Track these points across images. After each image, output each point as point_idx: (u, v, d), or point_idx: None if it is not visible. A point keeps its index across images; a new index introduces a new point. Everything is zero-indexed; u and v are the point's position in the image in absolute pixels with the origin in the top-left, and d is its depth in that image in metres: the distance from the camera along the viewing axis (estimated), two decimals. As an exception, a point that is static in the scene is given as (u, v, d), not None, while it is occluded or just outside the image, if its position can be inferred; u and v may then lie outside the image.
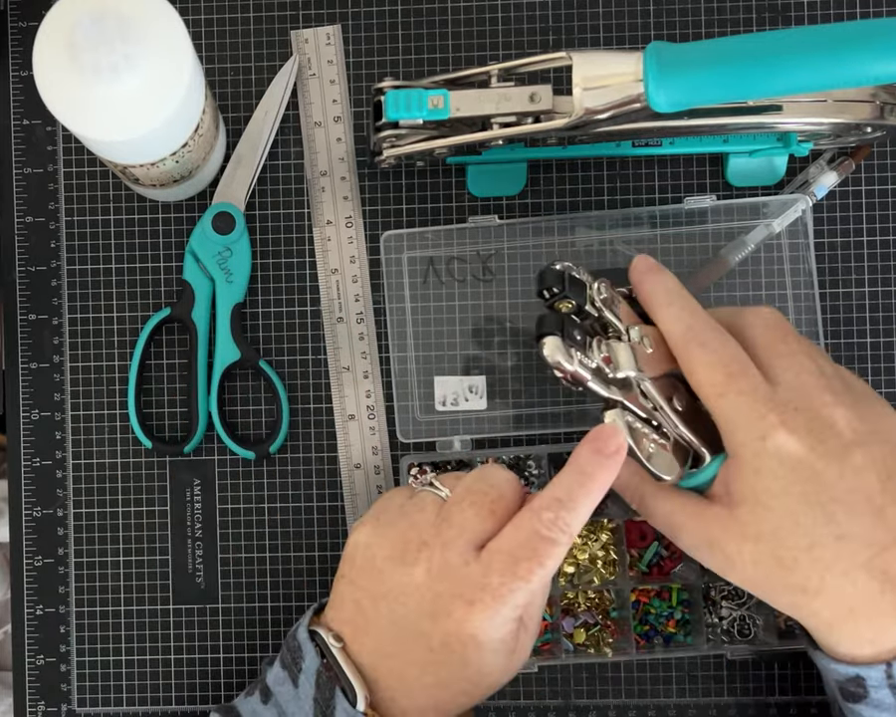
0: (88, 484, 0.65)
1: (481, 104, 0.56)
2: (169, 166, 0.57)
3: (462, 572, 0.48)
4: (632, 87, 0.52)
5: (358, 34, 0.65)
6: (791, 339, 0.50)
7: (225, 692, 0.64)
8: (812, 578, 0.48)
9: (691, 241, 0.62)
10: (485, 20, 0.65)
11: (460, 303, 0.63)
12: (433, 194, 0.65)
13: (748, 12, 0.64)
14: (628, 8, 0.64)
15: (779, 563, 0.48)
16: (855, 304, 0.64)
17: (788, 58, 0.48)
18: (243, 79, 0.65)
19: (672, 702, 0.63)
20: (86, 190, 0.65)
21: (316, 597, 0.64)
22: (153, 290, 0.65)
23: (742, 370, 0.49)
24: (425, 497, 0.51)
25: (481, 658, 0.48)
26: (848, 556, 0.47)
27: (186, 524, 0.65)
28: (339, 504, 0.64)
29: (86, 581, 0.65)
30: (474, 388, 0.63)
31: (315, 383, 0.65)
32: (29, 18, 0.65)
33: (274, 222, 0.65)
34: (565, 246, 0.63)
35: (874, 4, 0.64)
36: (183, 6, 0.65)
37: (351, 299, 0.64)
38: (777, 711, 0.63)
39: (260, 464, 0.65)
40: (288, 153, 0.65)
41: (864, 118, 0.57)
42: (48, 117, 0.65)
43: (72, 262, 0.65)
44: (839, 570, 0.47)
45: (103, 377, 0.65)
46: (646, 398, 0.51)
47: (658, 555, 0.63)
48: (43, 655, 0.65)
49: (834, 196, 0.63)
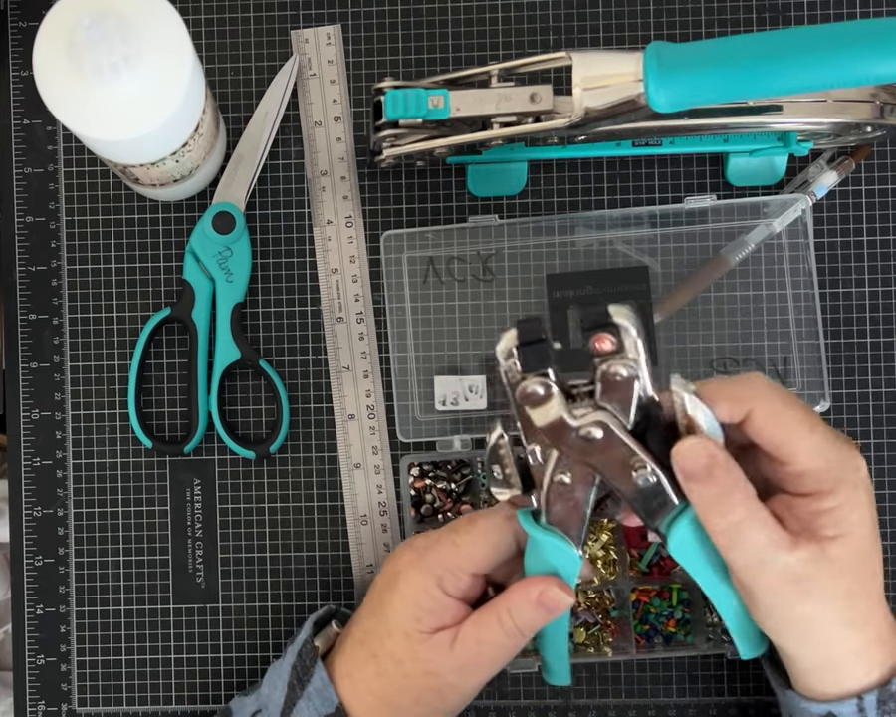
0: (88, 484, 0.65)
1: (481, 104, 0.56)
2: (169, 166, 0.57)
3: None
4: (632, 87, 0.52)
5: (358, 34, 0.65)
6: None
7: (225, 692, 0.64)
8: (864, 611, 0.48)
9: (691, 241, 0.62)
10: (485, 20, 0.65)
11: (460, 303, 0.63)
12: (433, 194, 0.65)
13: (748, 12, 0.64)
14: (628, 8, 0.64)
15: (847, 595, 0.48)
16: (855, 304, 0.64)
17: (788, 58, 0.48)
18: (243, 79, 0.65)
19: (672, 702, 0.63)
20: (86, 190, 0.65)
21: (316, 596, 0.64)
22: (153, 290, 0.65)
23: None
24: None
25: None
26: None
27: (186, 524, 0.65)
28: (340, 504, 0.64)
29: (86, 581, 0.65)
30: (474, 388, 0.63)
31: (315, 383, 0.65)
32: (29, 18, 0.65)
33: (274, 222, 0.65)
34: (565, 246, 0.63)
35: (874, 4, 0.64)
36: (183, 6, 0.65)
37: (351, 299, 0.64)
38: (777, 710, 0.63)
39: (260, 464, 0.65)
40: (288, 153, 0.65)
41: (864, 117, 0.57)
42: (48, 117, 0.65)
43: (72, 262, 0.65)
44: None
45: (103, 377, 0.65)
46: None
47: (658, 554, 0.63)
48: (43, 655, 0.65)
49: (834, 196, 0.63)
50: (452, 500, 0.63)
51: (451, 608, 0.52)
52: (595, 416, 0.48)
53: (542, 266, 0.63)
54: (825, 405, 0.61)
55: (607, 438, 0.48)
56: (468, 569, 0.52)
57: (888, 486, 0.63)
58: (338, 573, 0.64)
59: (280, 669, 0.55)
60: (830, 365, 0.63)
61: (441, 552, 0.52)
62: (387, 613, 0.52)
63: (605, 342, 0.47)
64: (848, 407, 0.63)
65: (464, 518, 0.54)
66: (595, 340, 0.47)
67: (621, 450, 0.48)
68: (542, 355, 0.48)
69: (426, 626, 0.51)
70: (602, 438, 0.48)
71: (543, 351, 0.48)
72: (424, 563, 0.52)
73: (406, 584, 0.52)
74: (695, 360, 0.62)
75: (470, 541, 0.52)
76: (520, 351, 0.48)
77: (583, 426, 0.48)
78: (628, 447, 0.48)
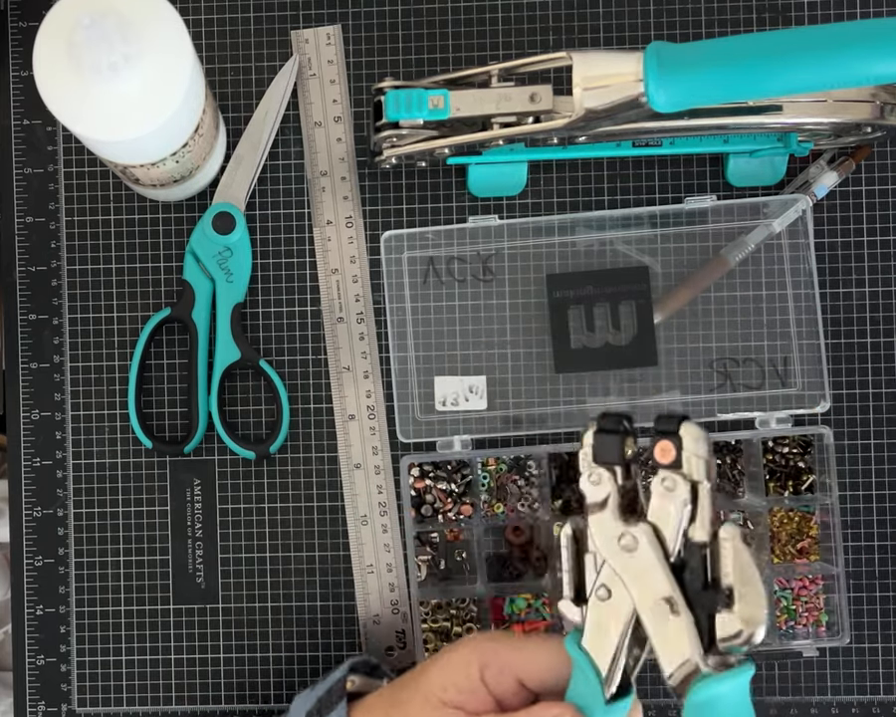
0: (88, 484, 0.65)
1: (481, 104, 0.56)
2: (169, 166, 0.57)
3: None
4: (632, 87, 0.52)
5: (358, 34, 0.65)
6: None
7: (225, 692, 0.64)
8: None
9: (691, 241, 0.62)
10: (485, 20, 0.65)
11: (460, 303, 0.63)
12: (433, 194, 0.65)
13: (748, 12, 0.64)
14: (628, 8, 0.64)
15: None
16: (855, 304, 0.64)
17: (788, 58, 0.48)
18: (243, 79, 0.65)
19: (672, 702, 0.63)
20: (86, 190, 0.65)
21: (316, 596, 0.64)
22: (153, 290, 0.65)
23: None
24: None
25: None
26: None
27: (186, 524, 0.65)
28: (340, 504, 0.64)
29: (86, 581, 0.65)
30: (474, 388, 0.63)
31: (315, 383, 0.64)
32: (29, 18, 0.65)
33: (274, 222, 0.65)
34: (565, 246, 0.63)
35: (874, 4, 0.64)
36: (183, 6, 0.65)
37: (351, 299, 0.64)
38: (777, 711, 0.63)
39: (260, 464, 0.65)
40: (288, 153, 0.65)
41: (864, 118, 0.57)
42: (48, 117, 0.64)
43: (72, 262, 0.65)
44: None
45: (103, 377, 0.65)
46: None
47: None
48: (43, 655, 0.65)
49: (834, 196, 0.63)
50: (452, 500, 0.64)
51: (479, 696, 0.50)
52: (636, 528, 0.45)
53: (542, 266, 0.63)
54: (825, 405, 0.61)
55: (642, 558, 0.45)
56: (515, 672, 0.49)
57: (888, 487, 0.63)
58: (338, 573, 0.64)
59: (307, 698, 0.56)
60: (830, 365, 0.63)
61: (499, 645, 0.50)
62: (421, 679, 0.51)
63: (667, 452, 0.44)
64: (848, 407, 0.63)
65: (546, 634, 0.53)
66: (658, 445, 0.45)
67: (653, 578, 0.45)
68: (614, 447, 0.46)
69: (447, 698, 0.50)
70: (637, 554, 0.45)
71: (617, 443, 0.46)
72: (479, 647, 0.50)
73: (452, 655, 0.51)
74: (695, 361, 0.62)
75: (532, 649, 0.50)
76: (595, 439, 0.46)
77: (624, 534, 0.45)
78: (661, 578, 0.44)
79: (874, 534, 0.63)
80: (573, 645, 0.46)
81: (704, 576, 0.44)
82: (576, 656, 0.46)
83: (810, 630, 0.63)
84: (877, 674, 0.63)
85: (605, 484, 0.46)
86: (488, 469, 0.64)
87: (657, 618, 0.44)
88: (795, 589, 0.63)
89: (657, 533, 0.45)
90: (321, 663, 0.64)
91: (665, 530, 0.45)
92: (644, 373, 0.62)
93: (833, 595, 0.62)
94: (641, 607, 0.45)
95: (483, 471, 0.64)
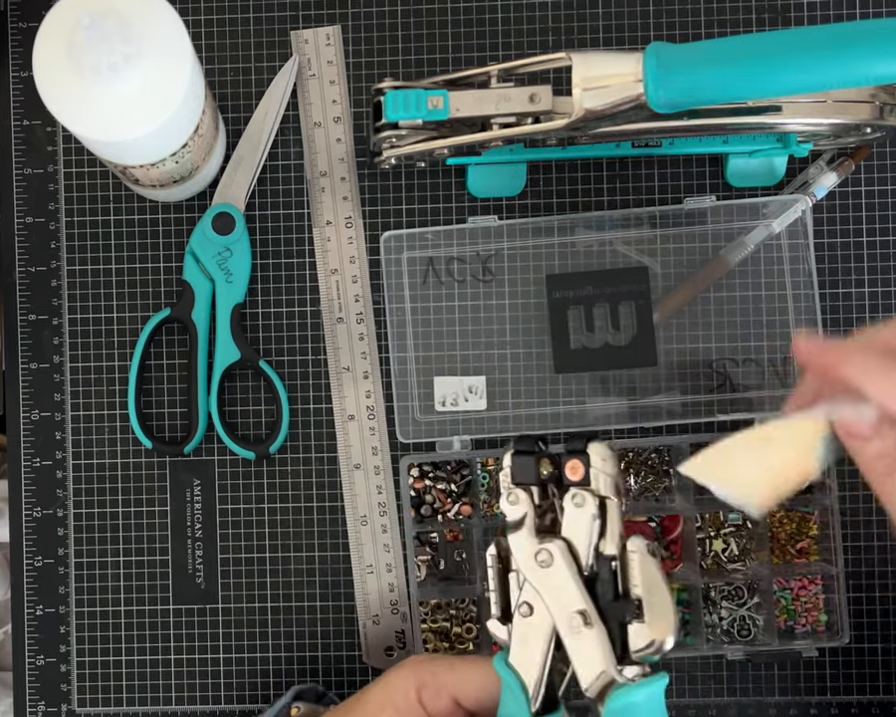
0: (88, 484, 0.65)
1: (481, 104, 0.56)
2: (169, 167, 0.57)
3: None
4: (632, 87, 0.52)
5: (358, 34, 0.65)
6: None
7: (224, 692, 0.64)
8: None
9: (691, 241, 0.62)
10: (485, 20, 0.65)
11: (460, 303, 0.63)
12: (433, 194, 0.65)
13: (748, 12, 0.64)
14: (628, 8, 0.64)
15: None
16: (855, 304, 0.64)
17: (788, 58, 0.48)
18: (243, 79, 0.65)
19: (672, 702, 0.63)
20: (86, 190, 0.65)
21: (316, 597, 0.64)
22: (153, 290, 0.65)
23: None
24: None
25: None
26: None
27: (186, 524, 0.65)
28: (339, 504, 0.64)
29: (86, 581, 0.65)
30: (474, 388, 0.63)
31: (315, 383, 0.65)
32: (29, 18, 0.65)
33: (274, 222, 0.65)
34: (565, 246, 0.63)
35: (874, 4, 0.64)
36: (183, 6, 0.65)
37: (351, 299, 0.64)
38: (776, 711, 0.63)
39: (260, 464, 0.65)
40: (288, 153, 0.65)
41: (864, 118, 0.57)
42: (48, 117, 0.64)
43: (72, 262, 0.65)
44: None
45: (103, 377, 0.65)
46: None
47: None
48: (43, 655, 0.65)
49: (834, 196, 0.63)
50: (452, 501, 0.64)
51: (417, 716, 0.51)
52: (551, 545, 0.46)
53: (542, 266, 0.63)
54: (825, 406, 0.61)
55: (557, 573, 0.46)
56: (451, 691, 0.50)
57: (888, 486, 0.63)
58: (338, 573, 0.64)
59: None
60: (830, 366, 0.63)
61: (436, 666, 0.51)
62: (362, 700, 0.52)
63: (576, 470, 0.47)
64: (848, 408, 0.63)
65: (478, 655, 0.53)
66: (567, 463, 0.47)
67: (567, 592, 0.46)
68: (530, 468, 0.48)
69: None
70: (552, 570, 0.46)
71: (532, 464, 0.48)
72: (417, 668, 0.51)
73: (391, 677, 0.51)
74: (694, 361, 0.62)
75: (466, 669, 0.50)
76: (513, 460, 0.48)
77: (540, 550, 0.46)
78: (574, 592, 0.46)
79: (874, 534, 0.63)
80: (501, 663, 0.47)
81: (615, 588, 0.46)
82: (504, 674, 0.47)
83: (810, 630, 0.63)
84: (877, 674, 0.63)
85: (522, 504, 0.48)
86: (487, 469, 0.64)
87: (572, 631, 0.46)
88: (795, 589, 0.63)
89: (571, 548, 0.46)
90: (320, 663, 0.64)
91: (578, 545, 0.46)
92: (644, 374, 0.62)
93: (833, 595, 0.62)
94: (559, 621, 0.46)
95: (482, 471, 0.64)
